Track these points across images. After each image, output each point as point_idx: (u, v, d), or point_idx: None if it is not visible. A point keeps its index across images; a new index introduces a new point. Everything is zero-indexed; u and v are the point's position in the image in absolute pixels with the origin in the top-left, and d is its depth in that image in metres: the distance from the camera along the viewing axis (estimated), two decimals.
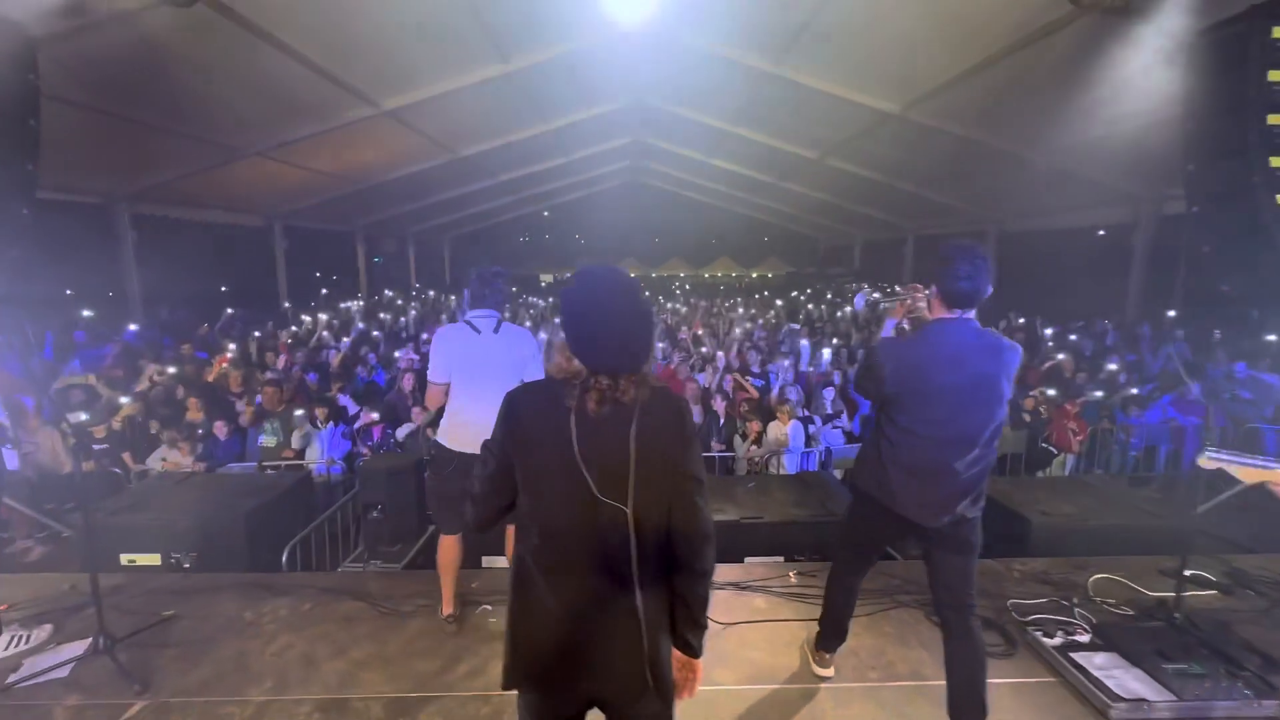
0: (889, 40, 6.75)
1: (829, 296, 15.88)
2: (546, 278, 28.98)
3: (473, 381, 2.77)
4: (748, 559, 3.20)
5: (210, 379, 6.09)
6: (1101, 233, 11.69)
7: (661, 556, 1.43)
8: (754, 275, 25.74)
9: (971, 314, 2.16)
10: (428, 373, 2.89)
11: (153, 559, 3.34)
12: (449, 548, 2.87)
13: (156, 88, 6.05)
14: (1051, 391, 6.09)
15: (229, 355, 6.61)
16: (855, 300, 2.51)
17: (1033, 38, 5.67)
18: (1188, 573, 2.67)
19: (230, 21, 5.28)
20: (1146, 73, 5.47)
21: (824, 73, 7.97)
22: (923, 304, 2.32)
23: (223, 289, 12.45)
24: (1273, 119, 3.32)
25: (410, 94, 8.23)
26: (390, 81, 7.85)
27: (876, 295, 2.44)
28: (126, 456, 4.74)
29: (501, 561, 3.24)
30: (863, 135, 9.70)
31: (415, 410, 5.28)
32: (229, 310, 9.54)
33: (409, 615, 2.96)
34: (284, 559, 3.42)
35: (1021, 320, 9.85)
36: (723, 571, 3.06)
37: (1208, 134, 3.50)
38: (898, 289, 2.51)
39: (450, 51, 7.41)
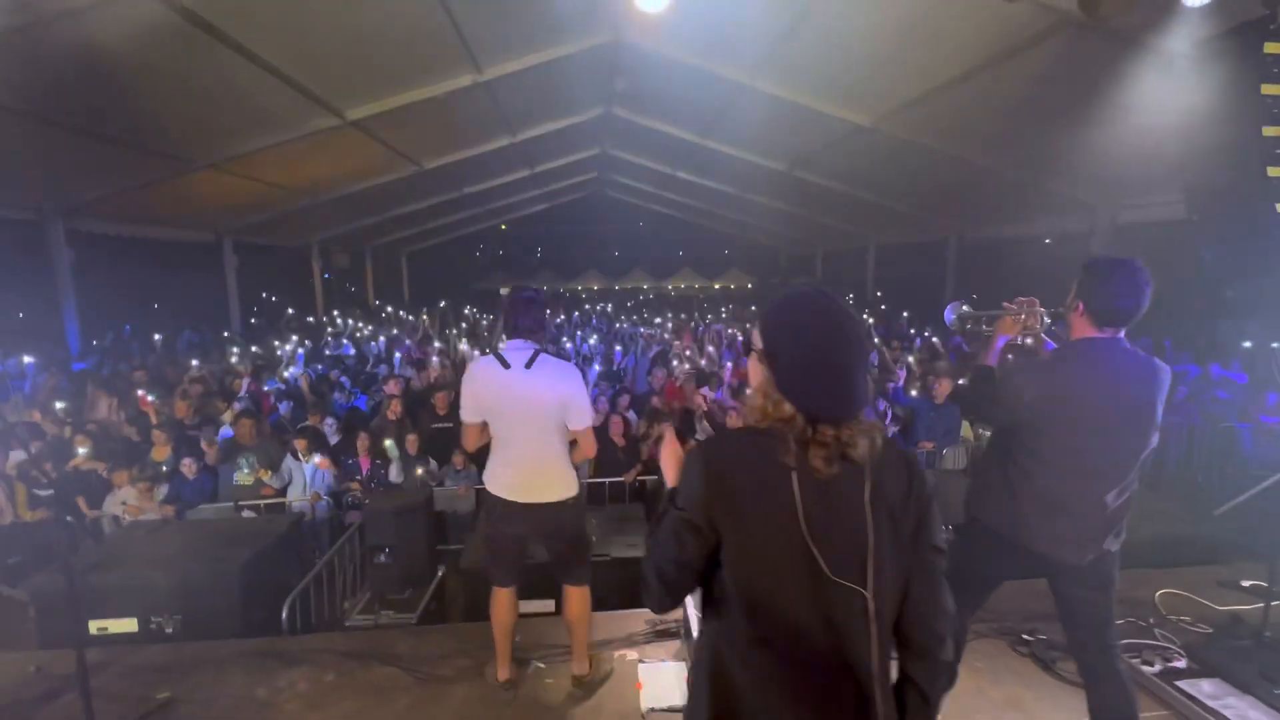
0: (866, 55, 6.85)
1: None
2: (505, 290, 28.44)
3: (502, 425, 2.49)
4: None
5: (181, 413, 5.55)
6: (1047, 241, 12.26)
7: (891, 646, 1.20)
8: (716, 286, 25.94)
9: (1122, 333, 1.99)
10: (460, 411, 2.61)
11: (128, 624, 2.92)
12: (504, 604, 2.56)
13: (102, 93, 5.58)
14: None
15: (188, 384, 6.08)
16: (945, 314, 2.34)
17: (1012, 51, 5.82)
18: (1245, 584, 2.65)
19: (188, 23, 4.91)
20: (1120, 86, 5.69)
21: (798, 85, 8.05)
22: (1039, 322, 2.16)
23: (160, 308, 11.62)
24: (1269, 131, 3.44)
25: (377, 104, 7.91)
26: (357, 91, 7.52)
27: (967, 308, 2.30)
28: (80, 502, 4.25)
29: (538, 605, 2.96)
30: (832, 147, 9.85)
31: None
32: (186, 332, 8.86)
33: (452, 681, 2.61)
34: (284, 616, 3.05)
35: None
36: None
37: (1206, 145, 3.61)
38: (1007, 305, 2.25)
39: (422, 60, 7.16)
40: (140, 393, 5.44)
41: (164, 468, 4.62)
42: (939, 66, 6.57)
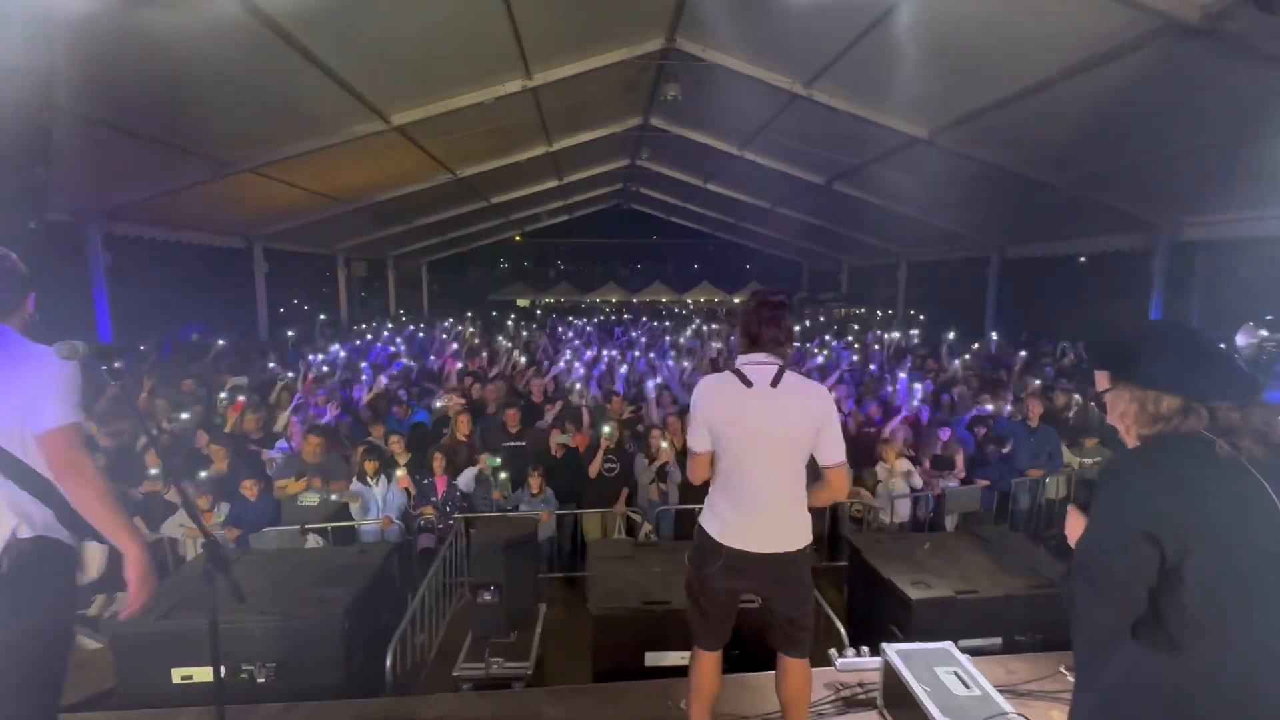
0: (936, 64, 6.62)
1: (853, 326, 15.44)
2: (524, 303, 28.37)
3: (736, 455, 2.10)
4: (962, 643, 2.58)
5: (230, 427, 5.28)
6: (1082, 259, 11.96)
7: None
8: (736, 300, 25.69)
9: None
10: (687, 436, 2.25)
11: (208, 672, 2.58)
12: (711, 670, 2.16)
13: (161, 94, 5.41)
14: None
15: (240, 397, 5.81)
16: (1237, 339, 1.94)
17: (1101, 59, 5.55)
18: None
19: (262, 25, 4.72)
20: (1220, 96, 5.43)
21: (858, 95, 7.84)
22: None
23: (190, 314, 11.44)
24: None
25: (422, 109, 7.74)
26: (406, 95, 7.35)
27: (1264, 332, 1.91)
28: (139, 523, 3.96)
29: (673, 658, 2.56)
30: (881, 160, 9.64)
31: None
32: (220, 342, 8.63)
33: None
34: (389, 664, 2.71)
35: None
36: (984, 667, 2.39)
37: None
38: None
39: (476, 64, 6.99)
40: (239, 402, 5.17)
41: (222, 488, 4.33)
42: (1014, 76, 6.33)
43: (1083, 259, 12.00)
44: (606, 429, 4.69)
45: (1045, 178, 8.37)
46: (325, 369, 7.74)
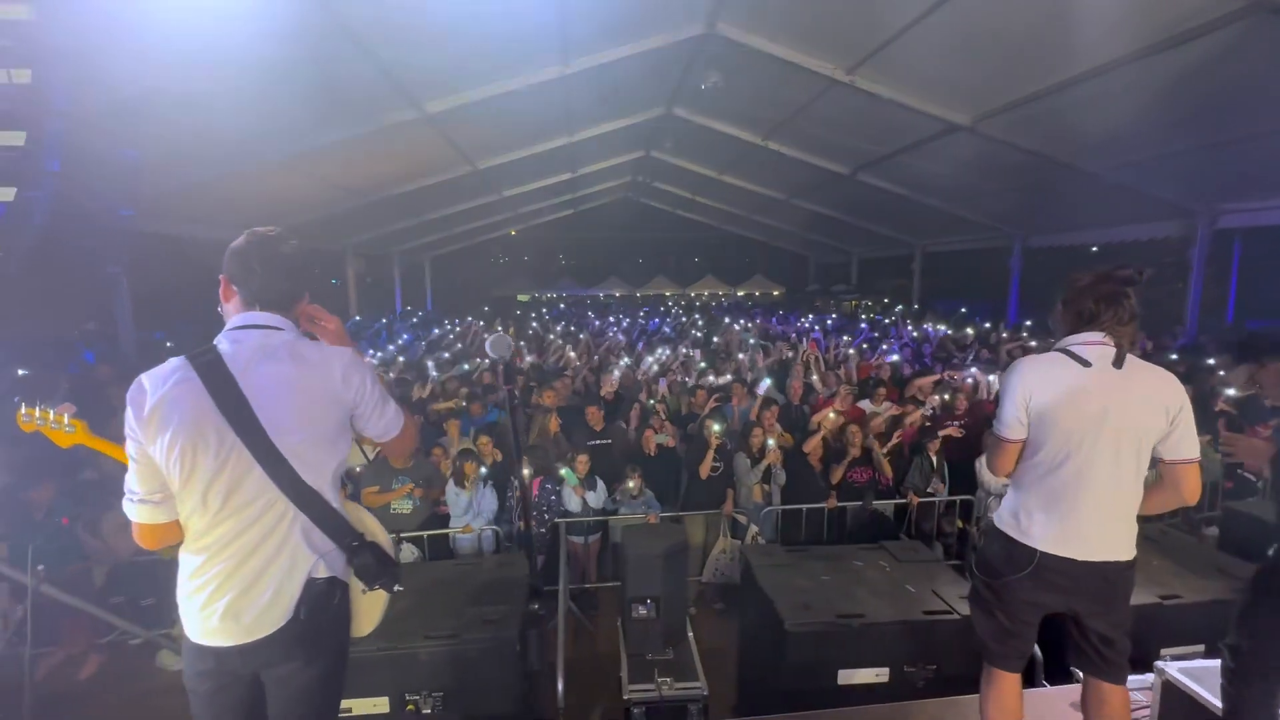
0: (992, 48, 6.47)
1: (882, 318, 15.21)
2: (524, 298, 28.01)
3: (1072, 446, 1.86)
4: (1164, 651, 2.42)
5: None
6: (1094, 249, 11.92)
7: None
8: (740, 294, 25.57)
9: None
10: (994, 423, 2.01)
11: (378, 704, 2.36)
12: (1012, 693, 1.94)
13: (204, 82, 5.09)
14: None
15: None
16: None
17: (1170, 42, 5.43)
18: None
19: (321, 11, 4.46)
20: None
21: (902, 81, 7.67)
22: None
23: (207, 311, 11.04)
24: None
25: (456, 97, 7.46)
26: (443, 82, 7.06)
27: None
28: None
29: (865, 675, 2.31)
30: (914, 149, 9.49)
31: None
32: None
33: None
34: (560, 689, 2.48)
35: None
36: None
37: None
38: None
39: (517, 51, 6.72)
40: None
41: None
42: (1077, 59, 6.20)
43: (1095, 248, 12.00)
44: (717, 427, 4.50)
45: (1088, 165, 8.28)
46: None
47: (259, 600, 1.61)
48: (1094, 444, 1.86)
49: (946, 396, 5.52)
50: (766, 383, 6.11)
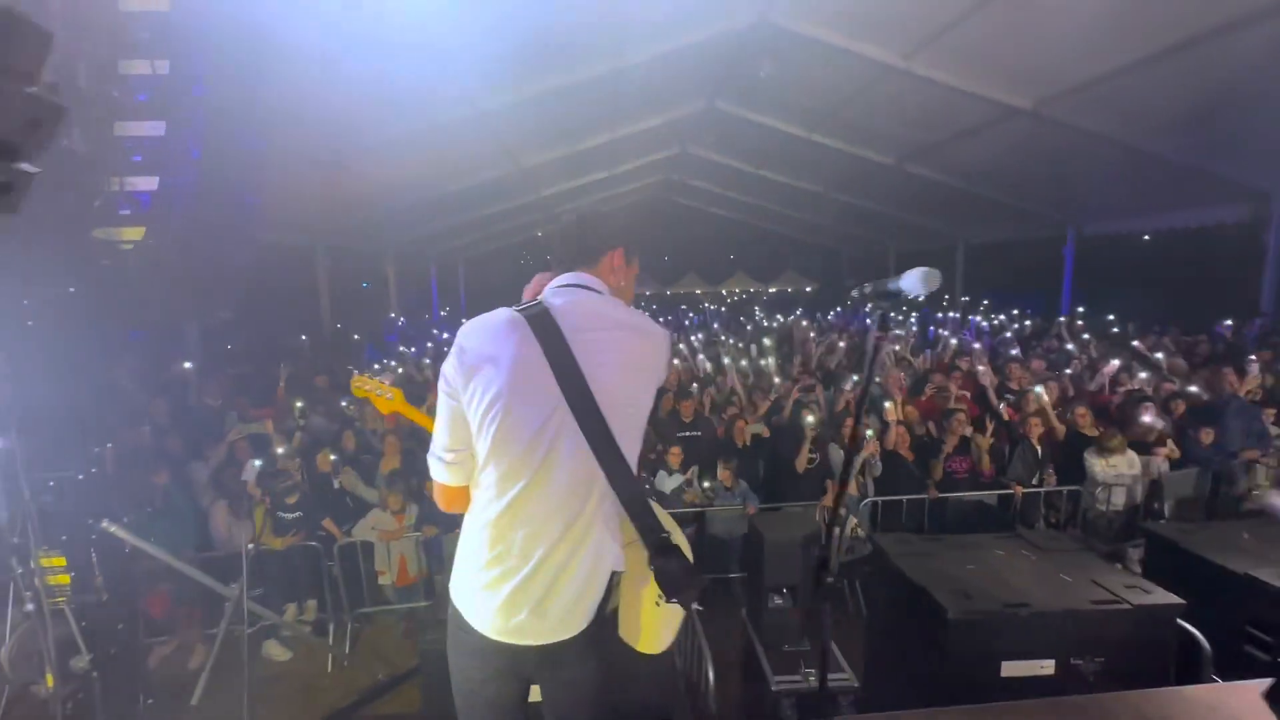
0: (1056, 30, 6.26)
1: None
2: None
3: None
4: None
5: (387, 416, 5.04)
6: (1146, 236, 11.52)
7: None
8: (772, 290, 25.34)
9: None
10: None
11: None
12: None
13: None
14: None
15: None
16: None
17: (1242, 21, 5.20)
18: None
19: None
20: None
21: (963, 67, 7.48)
22: None
23: (261, 312, 11.29)
24: None
25: (513, 92, 7.47)
26: (501, 75, 7.05)
27: None
28: (328, 524, 3.74)
29: (1027, 667, 2.17)
30: (967, 135, 9.27)
31: None
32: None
33: None
34: (711, 681, 2.40)
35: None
36: None
37: None
38: None
39: (582, 43, 6.70)
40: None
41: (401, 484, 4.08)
42: (1140, 41, 5.98)
43: (1146, 236, 11.59)
44: (811, 419, 4.42)
45: (1154, 147, 7.99)
46: None
47: (566, 593, 1.44)
48: None
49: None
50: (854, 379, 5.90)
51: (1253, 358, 5.02)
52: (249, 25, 2.85)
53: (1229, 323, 8.95)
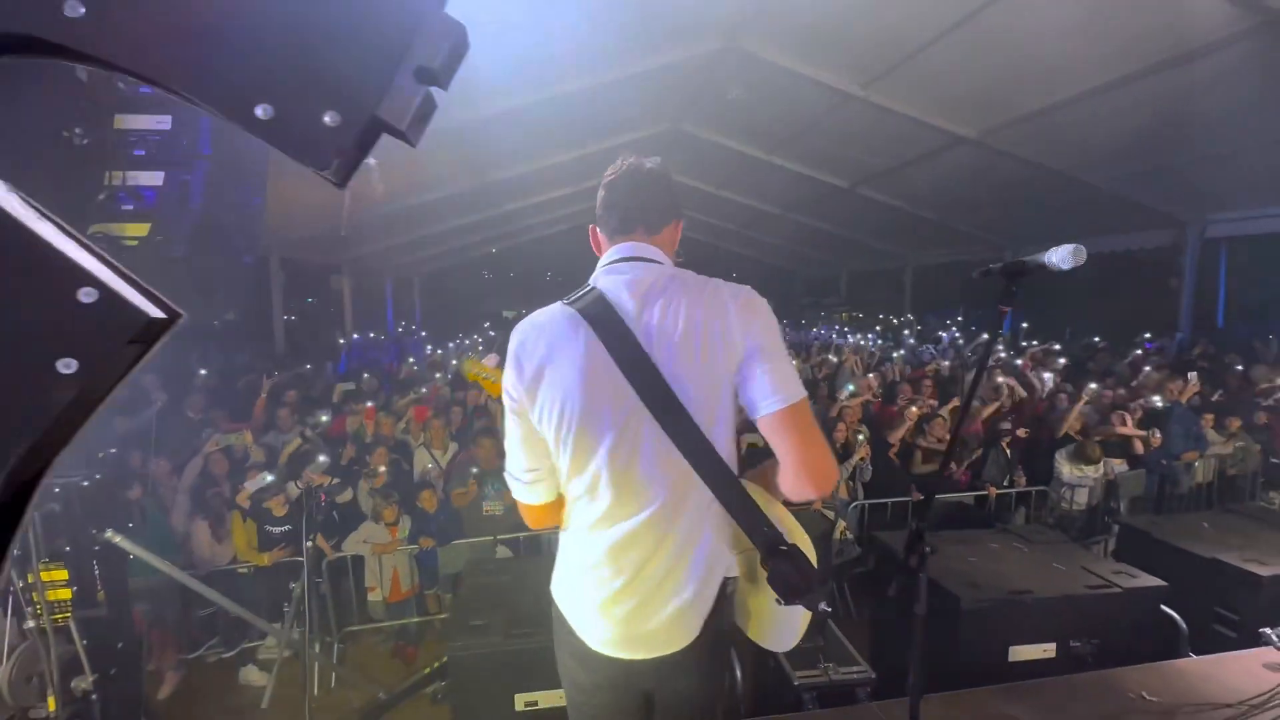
0: (1008, 64, 6.76)
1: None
2: (510, 314, 27.85)
3: None
4: None
5: (387, 430, 4.80)
6: (1038, 260, 12.46)
7: None
8: None
9: None
10: None
11: (557, 697, 2.26)
12: None
13: None
14: None
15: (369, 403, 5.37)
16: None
17: (1184, 57, 5.74)
18: None
19: None
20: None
21: (917, 98, 7.95)
22: None
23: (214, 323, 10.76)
24: None
25: (485, 106, 7.48)
26: (472, 89, 7.06)
27: None
28: (319, 539, 3.57)
29: (1032, 652, 2.31)
30: (916, 162, 9.82)
31: None
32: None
33: None
34: (739, 676, 2.41)
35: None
36: None
37: None
38: None
39: (564, 55, 6.78)
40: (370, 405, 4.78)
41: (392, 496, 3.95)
42: (1079, 78, 6.52)
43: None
44: None
45: (1088, 176, 8.66)
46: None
47: (671, 606, 1.33)
48: None
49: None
50: (850, 388, 6.17)
51: (1193, 372, 5.54)
52: None
53: (1148, 336, 9.74)
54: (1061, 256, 1.45)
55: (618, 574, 1.33)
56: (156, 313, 0.43)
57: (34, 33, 0.38)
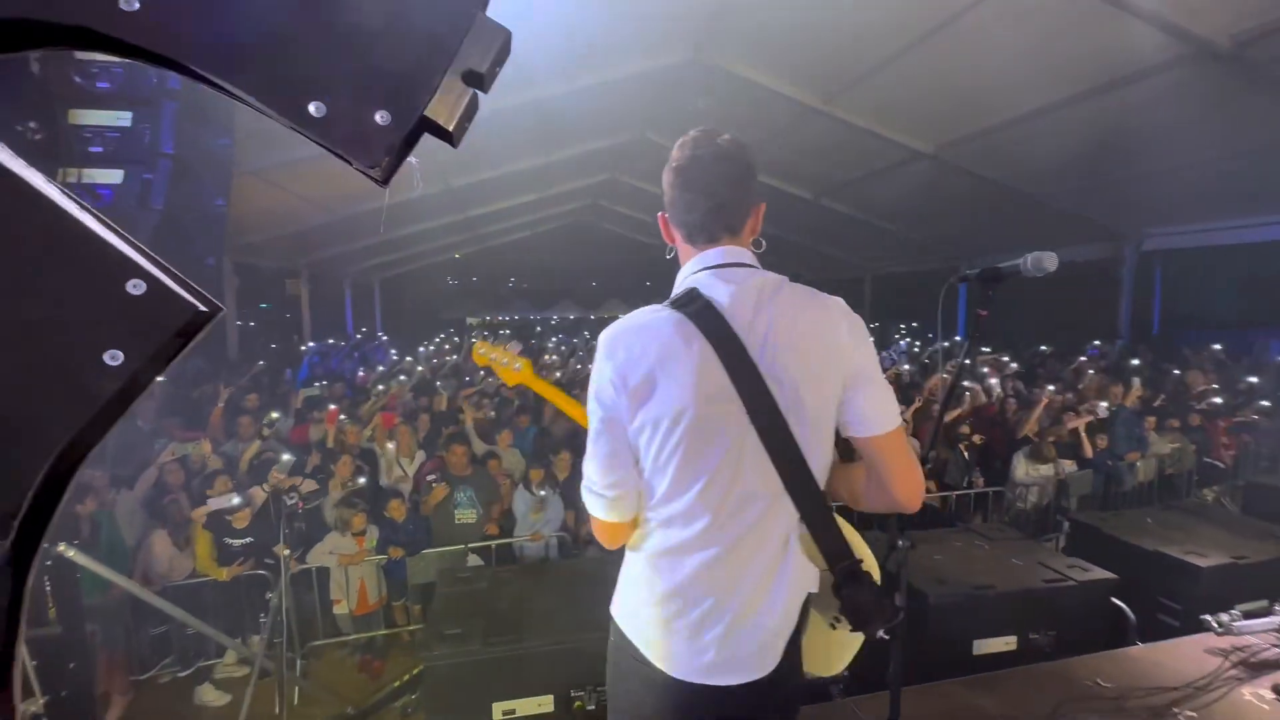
0: (958, 84, 7.06)
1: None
2: (474, 321, 27.46)
3: None
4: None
5: (331, 441, 4.65)
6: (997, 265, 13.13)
7: None
8: None
9: None
10: None
11: (543, 704, 2.23)
12: None
13: None
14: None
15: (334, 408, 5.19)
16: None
17: (1118, 83, 6.10)
18: None
19: None
20: (1225, 114, 6.08)
21: (876, 112, 8.22)
22: None
23: None
24: None
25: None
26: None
27: None
28: (280, 550, 3.42)
29: (997, 644, 2.42)
30: (876, 175, 10.14)
31: None
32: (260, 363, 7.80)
33: None
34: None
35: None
36: None
37: None
38: None
39: (531, 63, 6.79)
40: (333, 408, 4.61)
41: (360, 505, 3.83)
42: (1029, 96, 6.86)
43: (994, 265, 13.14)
44: None
45: (1035, 191, 9.10)
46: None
47: (761, 630, 1.26)
48: None
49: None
50: None
51: (1135, 378, 5.88)
52: None
53: (1097, 343, 10.26)
54: (1035, 262, 1.51)
55: (707, 595, 1.25)
56: (201, 306, 0.43)
57: (88, 24, 0.38)
